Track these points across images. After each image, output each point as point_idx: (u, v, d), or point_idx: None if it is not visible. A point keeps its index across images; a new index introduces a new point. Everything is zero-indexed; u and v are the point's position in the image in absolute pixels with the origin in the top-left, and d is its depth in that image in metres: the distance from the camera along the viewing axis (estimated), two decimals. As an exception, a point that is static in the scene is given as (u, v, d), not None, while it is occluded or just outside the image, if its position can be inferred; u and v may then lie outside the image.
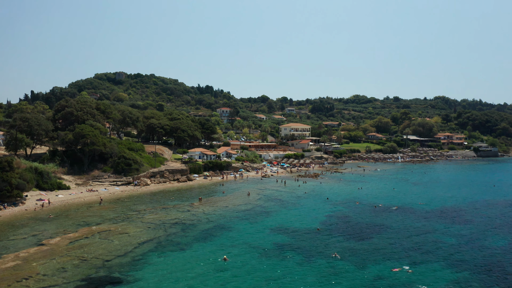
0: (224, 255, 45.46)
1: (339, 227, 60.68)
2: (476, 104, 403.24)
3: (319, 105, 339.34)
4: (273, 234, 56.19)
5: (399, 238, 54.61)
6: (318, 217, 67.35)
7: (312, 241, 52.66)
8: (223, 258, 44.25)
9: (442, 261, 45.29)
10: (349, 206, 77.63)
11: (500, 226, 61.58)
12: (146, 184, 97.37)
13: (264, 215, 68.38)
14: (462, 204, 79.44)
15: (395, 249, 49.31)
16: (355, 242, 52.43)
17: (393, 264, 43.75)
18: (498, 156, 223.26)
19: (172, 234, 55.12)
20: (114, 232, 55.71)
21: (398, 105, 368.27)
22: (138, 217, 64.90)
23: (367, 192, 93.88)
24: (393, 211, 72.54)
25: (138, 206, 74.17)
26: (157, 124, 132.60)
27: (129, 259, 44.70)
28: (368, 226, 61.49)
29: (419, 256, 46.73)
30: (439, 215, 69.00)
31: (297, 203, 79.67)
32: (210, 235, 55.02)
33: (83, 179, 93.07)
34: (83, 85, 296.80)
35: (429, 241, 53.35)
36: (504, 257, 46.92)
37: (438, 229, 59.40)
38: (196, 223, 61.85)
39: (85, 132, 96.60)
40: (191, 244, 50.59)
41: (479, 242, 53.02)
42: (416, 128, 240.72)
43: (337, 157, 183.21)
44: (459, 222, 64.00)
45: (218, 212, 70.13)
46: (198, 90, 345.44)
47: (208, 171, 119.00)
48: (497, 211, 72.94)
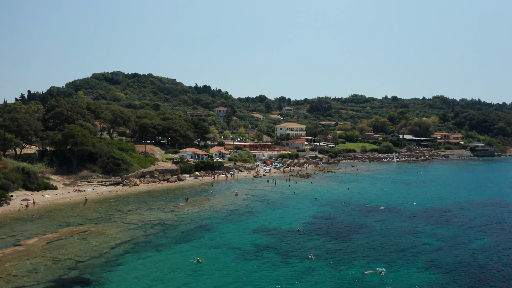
0: (198, 256, 45.10)
1: (321, 227, 60.36)
2: (475, 103, 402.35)
3: (317, 105, 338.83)
4: (254, 235, 55.89)
5: (379, 239, 54.27)
6: (303, 218, 67.03)
7: (291, 242, 52.35)
8: (196, 259, 43.84)
9: (420, 262, 44.94)
10: (336, 206, 77.30)
11: (483, 227, 61.18)
12: (135, 184, 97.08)
13: (249, 216, 68.09)
14: (448, 205, 79.05)
15: (373, 250, 48.97)
16: (334, 243, 52.10)
17: (369, 265, 43.43)
18: (494, 155, 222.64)
19: (152, 235, 54.85)
20: (93, 233, 55.46)
21: (396, 105, 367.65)
22: (120, 218, 64.66)
23: (356, 192, 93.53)
24: (379, 211, 72.20)
25: (123, 206, 73.91)
26: (149, 124, 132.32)
27: (103, 260, 44.41)
28: (350, 226, 61.16)
29: (397, 257, 46.40)
30: (424, 216, 68.63)
31: (284, 203, 79.34)
32: (190, 236, 54.72)
33: (71, 179, 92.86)
34: (80, 84, 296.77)
35: (410, 242, 53.01)
36: (483, 258, 46.57)
37: (421, 230, 59.04)
38: (178, 224, 61.58)
39: (74, 132, 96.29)
40: (169, 245, 50.29)
41: (460, 243, 52.65)
42: (413, 127, 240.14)
43: (332, 156, 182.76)
44: (443, 223, 63.63)
45: (202, 212, 69.84)
46: (196, 90, 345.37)
47: (200, 171, 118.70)
48: (483, 212, 72.54)
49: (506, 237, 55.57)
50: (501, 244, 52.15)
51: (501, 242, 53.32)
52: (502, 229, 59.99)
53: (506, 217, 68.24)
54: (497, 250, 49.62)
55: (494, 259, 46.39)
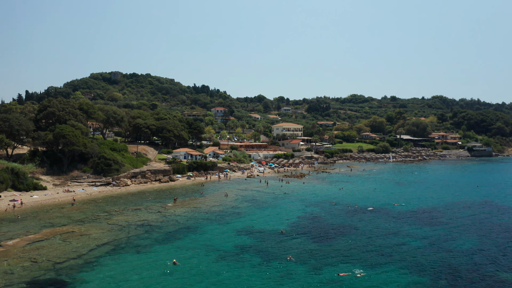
0: (176, 258, 44.81)
1: (306, 228, 60.03)
2: (474, 103, 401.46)
3: (315, 105, 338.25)
4: (237, 236, 55.63)
5: (363, 240, 53.96)
6: (289, 218, 66.75)
7: (273, 243, 52.04)
8: (173, 261, 43.54)
9: (400, 264, 44.61)
10: (324, 206, 76.98)
11: (469, 228, 60.79)
12: (126, 184, 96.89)
13: (235, 216, 67.82)
14: (438, 205, 78.65)
15: (355, 252, 48.66)
16: (316, 244, 51.80)
17: (349, 267, 43.13)
18: (492, 155, 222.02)
19: (134, 236, 54.61)
20: (76, 234, 55.27)
21: (395, 105, 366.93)
22: (105, 219, 64.46)
23: (347, 193, 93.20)
24: (367, 212, 71.87)
25: (110, 207, 73.71)
26: (143, 124, 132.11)
27: (81, 262, 44.20)
28: (336, 227, 60.86)
29: (378, 259, 46.07)
30: (411, 216, 68.28)
31: (273, 204, 79.05)
32: (173, 237, 54.47)
33: (61, 179, 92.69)
34: (78, 84, 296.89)
35: (393, 243, 52.67)
36: (464, 260, 46.21)
37: (406, 231, 58.71)
38: (162, 224, 61.34)
39: (65, 132, 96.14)
40: (149, 247, 50.04)
41: (444, 244, 52.28)
42: (410, 127, 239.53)
43: (328, 157, 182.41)
44: (429, 224, 63.25)
45: (189, 213, 69.59)
46: (194, 90, 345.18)
47: (192, 172, 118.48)
48: (471, 213, 72.10)
49: (491, 238, 55.18)
50: (484, 245, 51.78)
51: (485, 243, 52.94)
52: (488, 230, 59.60)
53: (494, 218, 67.84)
54: (479, 252, 49.24)
55: (475, 260, 46.02)
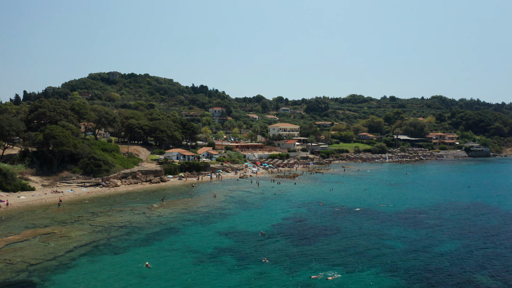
0: (151, 260, 44.55)
1: (289, 230, 59.70)
2: (474, 103, 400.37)
3: (313, 105, 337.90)
4: (218, 238, 55.33)
5: (344, 241, 53.58)
6: (274, 219, 66.42)
7: (252, 245, 51.72)
8: (145, 264, 43.25)
9: (377, 266, 44.23)
10: (311, 207, 76.62)
11: (452, 230, 60.25)
12: (116, 185, 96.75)
13: (220, 218, 67.55)
14: (425, 206, 78.11)
15: (334, 254, 48.28)
16: (296, 245, 51.46)
17: (324, 269, 42.74)
18: (489, 156, 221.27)
19: (114, 238, 54.40)
20: (56, 235, 55.10)
21: (393, 105, 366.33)
22: (89, 220, 64.30)
23: (337, 193, 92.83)
24: (353, 213, 71.47)
25: (96, 208, 73.55)
26: (136, 124, 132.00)
27: (56, 263, 44.01)
28: (319, 228, 60.51)
29: (357, 261, 45.69)
30: (396, 218, 67.82)
31: (260, 205, 78.76)
32: (153, 239, 54.22)
33: (50, 180, 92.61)
34: (76, 85, 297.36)
35: (374, 245, 52.21)
36: (443, 263, 45.74)
37: (388, 233, 58.28)
38: (145, 226, 61.12)
39: (55, 132, 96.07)
40: (127, 249, 49.79)
41: (425, 247, 51.78)
42: (408, 128, 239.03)
43: (323, 157, 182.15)
44: (413, 226, 62.79)
45: (174, 214, 69.36)
46: (193, 90, 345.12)
47: (184, 172, 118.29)
48: (458, 214, 71.58)
49: (474, 241, 54.66)
50: (465, 248, 51.29)
51: (467, 246, 52.43)
52: (471, 232, 59.05)
53: (480, 220, 67.30)
54: (461, 254, 48.76)
55: (453, 263, 45.57)
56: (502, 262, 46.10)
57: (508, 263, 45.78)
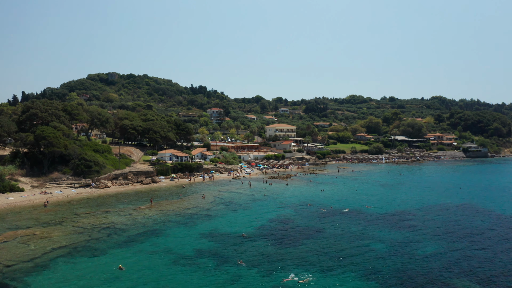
0: (128, 262, 44.28)
1: (272, 231, 59.39)
2: (474, 104, 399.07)
3: (312, 106, 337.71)
4: (200, 240, 55.07)
5: (326, 243, 53.21)
6: (260, 221, 66.11)
7: (232, 247, 51.43)
8: (119, 266, 42.99)
9: (355, 269, 43.87)
10: (299, 209, 76.30)
11: (437, 232, 59.80)
12: (106, 186, 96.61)
13: (205, 219, 67.29)
14: (413, 208, 77.66)
15: (313, 256, 47.95)
16: (276, 247, 51.15)
17: (299, 272, 42.43)
18: (487, 156, 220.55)
19: (94, 239, 54.21)
20: (36, 236, 54.96)
21: (393, 105, 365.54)
22: (73, 221, 64.16)
23: (327, 194, 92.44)
24: (339, 214, 71.11)
25: (82, 209, 73.41)
26: (130, 125, 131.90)
27: (31, 265, 43.87)
28: (303, 230, 60.20)
29: (334, 263, 45.35)
30: (382, 219, 67.41)
31: (248, 206, 78.44)
32: (133, 241, 53.99)
33: (40, 181, 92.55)
34: (74, 85, 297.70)
35: (356, 247, 51.82)
36: (421, 266, 45.34)
37: (372, 234, 57.91)
38: (128, 227, 60.91)
39: (46, 133, 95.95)
40: (106, 250, 49.58)
41: (406, 248, 51.38)
42: (406, 128, 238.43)
43: (320, 158, 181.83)
44: (398, 227, 62.39)
45: (160, 216, 69.14)
46: (191, 91, 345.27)
47: (177, 173, 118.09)
48: (445, 215, 71.12)
49: (456, 242, 54.29)
50: (447, 250, 50.84)
51: (449, 248, 52.01)
52: (456, 234, 58.64)
53: (467, 221, 66.86)
54: (440, 256, 48.37)
55: (432, 266, 45.15)
56: (479, 263, 45.74)
57: (484, 264, 45.42)
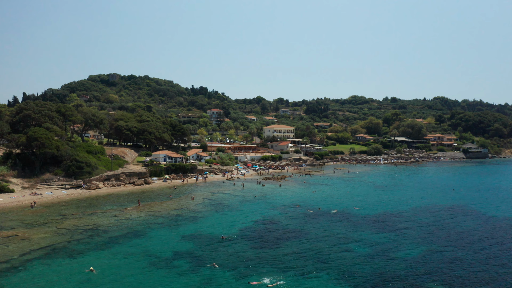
0: (94, 265, 43.94)
1: (254, 233, 59.13)
2: (476, 104, 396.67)
3: (313, 106, 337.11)
4: (180, 242, 54.86)
5: (306, 246, 52.85)
6: (244, 223, 65.87)
7: (211, 249, 51.21)
8: (90, 269, 42.83)
9: (331, 272, 43.43)
10: (287, 210, 75.96)
11: (422, 235, 59.18)
12: (97, 187, 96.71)
13: (190, 221, 67.11)
14: (402, 210, 77.04)
15: (291, 258, 47.60)
16: (255, 250, 50.83)
17: (272, 275, 42.16)
18: (488, 157, 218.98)
19: (75, 241, 54.17)
20: (18, 238, 55.04)
21: (394, 106, 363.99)
22: (57, 222, 64.22)
23: (318, 195, 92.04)
24: (325, 216, 70.70)
25: (69, 210, 73.46)
26: (125, 126, 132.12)
27: (7, 266, 43.89)
28: (286, 232, 59.89)
29: (311, 267, 44.95)
30: (368, 221, 66.94)
31: (236, 208, 78.20)
32: (113, 243, 53.90)
33: (31, 182, 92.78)
34: (75, 86, 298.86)
35: (336, 250, 51.40)
36: (400, 269, 44.82)
37: (355, 237, 57.47)
38: (110, 229, 60.84)
39: (37, 135, 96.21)
40: (84, 252, 49.52)
41: (388, 251, 50.79)
42: (405, 129, 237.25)
43: (317, 159, 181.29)
44: (383, 230, 61.85)
45: (145, 217, 69.04)
46: (192, 92, 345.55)
47: (170, 174, 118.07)
48: (433, 218, 70.40)
49: (441, 246, 53.54)
50: (429, 253, 50.25)
51: (429, 250, 51.46)
52: (441, 237, 58.06)
53: (453, 223, 66.24)
54: (419, 259, 47.85)
55: (411, 270, 44.60)
56: (458, 267, 45.26)
57: (463, 268, 44.94)
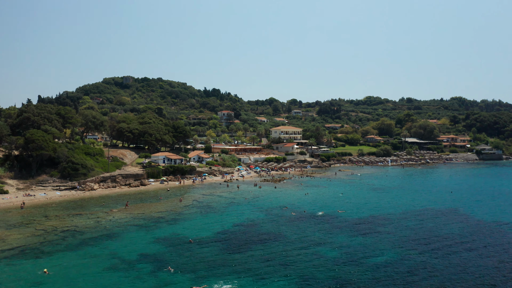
0: (45, 268, 44.05)
1: (229, 236, 58.57)
2: (495, 104, 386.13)
3: (326, 107, 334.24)
4: (151, 244, 54.72)
5: (278, 249, 52.06)
6: (224, 225, 65.34)
7: (177, 252, 50.89)
8: (43, 270, 43.00)
9: (292, 277, 42.49)
10: (272, 212, 75.10)
11: (402, 240, 57.54)
12: (92, 189, 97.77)
13: (170, 223, 66.99)
14: (392, 213, 75.02)
15: (255, 262, 46.84)
16: (221, 254, 50.22)
17: (228, 279, 41.60)
18: (502, 159, 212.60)
19: (47, 242, 54.70)
20: (-7, 239, 55.97)
21: (409, 107, 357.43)
22: (39, 223, 65.03)
23: (309, 198, 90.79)
24: (308, 218, 69.52)
25: (57, 211, 74.31)
26: (126, 128, 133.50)
27: (-30, 268, 44.63)
28: (261, 235, 59.12)
29: (271, 271, 44.01)
30: (350, 225, 65.43)
31: (222, 211, 77.64)
32: (85, 244, 54.14)
33: (27, 183, 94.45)
34: (89, 89, 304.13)
35: (306, 253, 50.33)
36: (369, 276, 43.52)
37: (332, 240, 56.21)
38: (87, 231, 61.16)
39: (35, 137, 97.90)
40: (51, 253, 49.88)
41: (360, 257, 49.28)
42: (417, 130, 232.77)
43: (324, 160, 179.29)
44: (364, 233, 60.27)
45: (126, 219, 69.24)
46: (205, 93, 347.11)
47: (168, 176, 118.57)
48: (419, 222, 68.25)
49: (419, 252, 51.74)
50: (405, 260, 48.60)
51: (403, 256, 49.85)
52: (422, 243, 56.23)
53: (440, 229, 64.09)
54: (390, 265, 46.38)
55: (377, 276, 43.30)
56: (421, 272, 43.77)
57: (434, 275, 43.44)
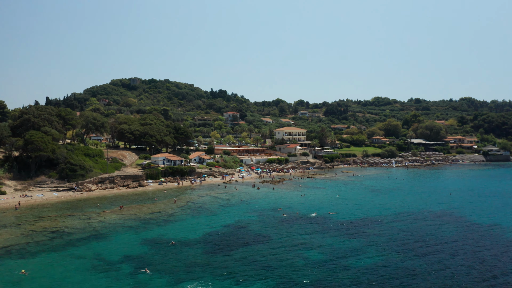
0: (23, 269, 44.26)
1: (216, 238, 58.37)
2: (505, 105, 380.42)
3: (333, 108, 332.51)
4: (137, 246, 54.81)
5: (262, 251, 51.77)
6: (214, 227, 65.27)
7: (160, 254, 50.89)
8: (22, 271, 43.28)
9: (272, 280, 42.22)
10: (264, 214, 74.78)
11: (392, 243, 56.82)
12: (90, 190, 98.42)
13: (160, 225, 67.06)
14: (385, 215, 74.16)
15: (237, 264, 46.61)
16: (204, 256, 50.05)
17: (203, 282, 41.44)
18: (509, 160, 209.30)
19: (34, 242, 55.11)
20: (-18, 239, 56.55)
21: (417, 107, 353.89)
22: (29, 224, 65.59)
23: (305, 200, 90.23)
24: (298, 220, 69.12)
25: (50, 212, 74.91)
26: (127, 129, 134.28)
27: (-47, 268, 45.12)
28: (249, 237, 58.86)
29: (252, 274, 43.77)
30: (340, 227, 64.80)
31: (215, 212, 77.50)
32: (71, 245, 54.46)
33: (25, 184, 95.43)
34: (97, 91, 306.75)
35: (290, 256, 49.92)
36: (352, 280, 43.00)
37: (318, 243, 55.72)
38: (76, 232, 61.49)
39: (34, 138, 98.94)
40: (36, 254, 50.25)
41: (347, 260, 48.59)
42: (423, 131, 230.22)
43: (327, 162, 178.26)
44: (353, 236, 59.61)
45: (117, 220, 69.49)
46: (211, 95, 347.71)
47: (167, 177, 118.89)
48: (411, 224, 67.38)
49: (405, 256, 51.01)
50: (390, 264, 47.85)
51: (393, 261, 49.03)
52: (410, 246, 55.45)
53: (431, 231, 63.15)
54: (379, 271, 45.64)
55: (365, 280, 42.71)
56: (404, 277, 43.11)
57: (410, 278, 42.78)
